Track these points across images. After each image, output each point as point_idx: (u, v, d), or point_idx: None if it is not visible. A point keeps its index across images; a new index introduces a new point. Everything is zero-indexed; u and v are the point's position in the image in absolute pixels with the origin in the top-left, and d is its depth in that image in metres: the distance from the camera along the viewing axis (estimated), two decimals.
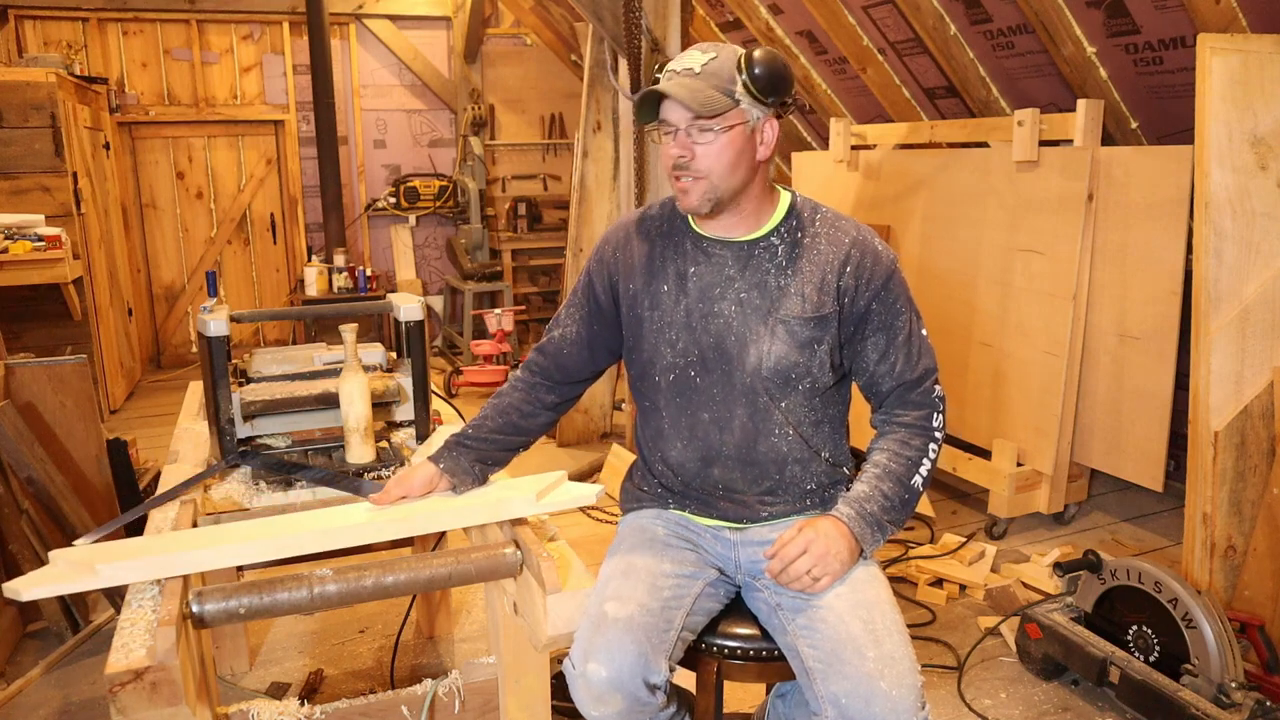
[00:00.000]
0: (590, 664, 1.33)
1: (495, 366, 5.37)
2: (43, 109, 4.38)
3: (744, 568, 1.55)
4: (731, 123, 1.41)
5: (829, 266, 1.48)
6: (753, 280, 1.49)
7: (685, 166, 1.43)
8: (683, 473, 1.57)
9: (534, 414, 1.66)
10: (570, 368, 1.66)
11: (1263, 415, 2.40)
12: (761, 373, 1.48)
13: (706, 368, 1.51)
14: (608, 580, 1.45)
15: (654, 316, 1.54)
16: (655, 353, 1.54)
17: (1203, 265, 2.39)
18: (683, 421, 1.55)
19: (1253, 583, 2.33)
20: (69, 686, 2.41)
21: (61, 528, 2.68)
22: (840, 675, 1.31)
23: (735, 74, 1.39)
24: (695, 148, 1.42)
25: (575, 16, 5.43)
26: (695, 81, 1.39)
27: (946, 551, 3.10)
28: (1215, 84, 2.39)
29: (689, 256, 1.53)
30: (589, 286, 1.63)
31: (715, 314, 1.50)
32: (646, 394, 1.60)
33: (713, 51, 1.42)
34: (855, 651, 1.32)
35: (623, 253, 1.59)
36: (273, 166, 6.42)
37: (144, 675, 1.18)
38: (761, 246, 1.50)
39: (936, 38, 3.52)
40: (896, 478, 1.47)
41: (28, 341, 4.32)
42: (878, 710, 1.28)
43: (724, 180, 1.43)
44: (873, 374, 1.53)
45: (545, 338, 1.68)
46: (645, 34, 3.37)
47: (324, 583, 1.38)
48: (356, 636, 2.66)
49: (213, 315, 1.85)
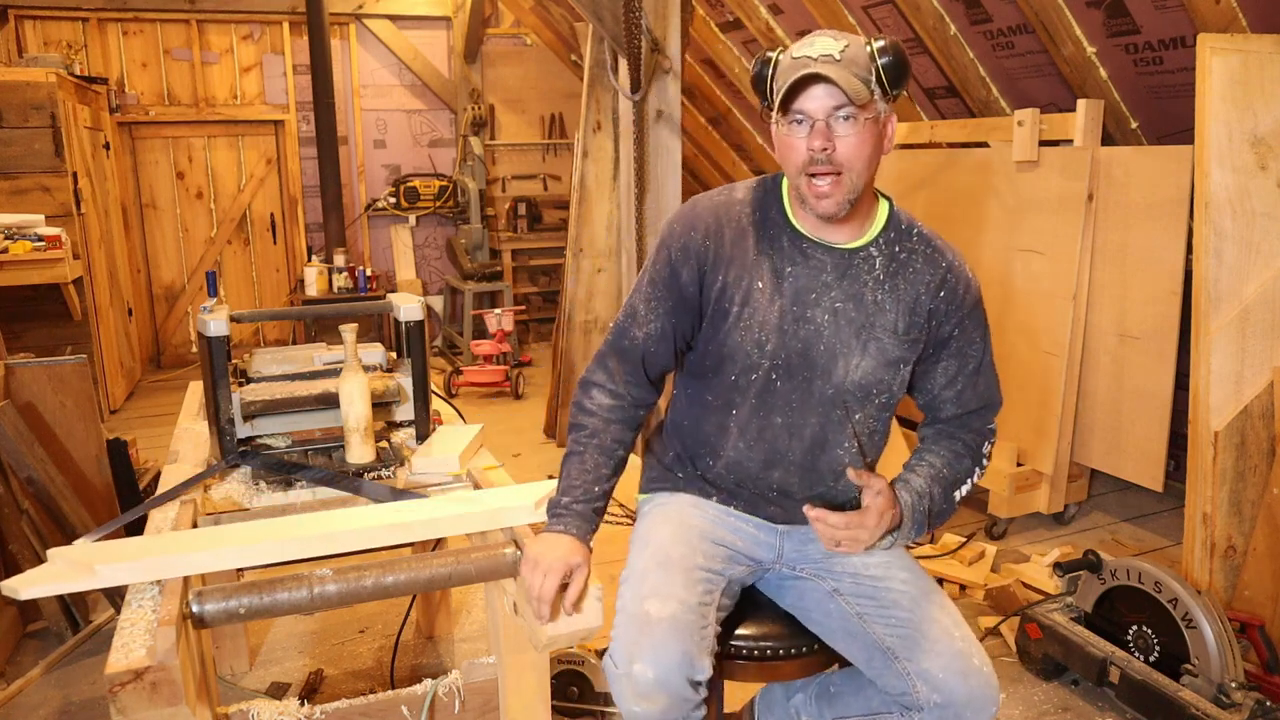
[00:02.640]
0: (636, 665, 1.31)
1: (495, 366, 5.37)
2: (43, 109, 4.38)
3: (787, 557, 1.55)
4: (872, 114, 1.33)
5: (924, 288, 1.44)
6: (849, 291, 1.43)
7: (826, 160, 1.32)
8: (738, 472, 1.53)
9: (633, 433, 1.54)
10: (661, 366, 1.53)
11: (1263, 415, 2.40)
12: (845, 386, 1.45)
13: (790, 374, 1.45)
14: (644, 573, 1.42)
15: (744, 313, 1.44)
16: (738, 350, 1.45)
17: (1203, 265, 2.39)
18: (753, 423, 1.49)
19: (1253, 583, 2.33)
20: (69, 686, 2.41)
21: (61, 528, 2.68)
22: (932, 653, 1.36)
23: (869, 63, 1.32)
24: (836, 140, 1.32)
25: (575, 16, 5.43)
26: (840, 69, 1.29)
27: (946, 551, 3.09)
28: (1215, 84, 2.39)
29: (786, 254, 1.44)
30: (673, 276, 1.47)
31: (807, 320, 1.43)
32: (716, 390, 1.50)
33: (844, 39, 1.33)
34: (943, 630, 1.38)
35: (714, 241, 1.46)
36: (273, 166, 6.42)
37: (144, 675, 1.18)
38: (861, 257, 1.44)
39: (936, 38, 3.52)
40: (945, 485, 1.49)
41: (28, 341, 4.31)
42: (974, 684, 1.34)
43: (862, 176, 1.35)
44: (937, 397, 1.53)
45: (620, 340, 1.53)
46: (645, 34, 3.36)
47: (324, 583, 1.38)
48: (356, 636, 2.66)
49: (213, 315, 1.85)
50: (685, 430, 1.58)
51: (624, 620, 1.38)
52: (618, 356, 1.53)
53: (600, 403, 1.52)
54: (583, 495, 1.46)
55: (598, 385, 1.53)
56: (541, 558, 1.39)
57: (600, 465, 1.48)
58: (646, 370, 1.53)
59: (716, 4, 4.61)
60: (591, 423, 1.50)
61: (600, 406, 1.51)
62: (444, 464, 1.88)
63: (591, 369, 1.55)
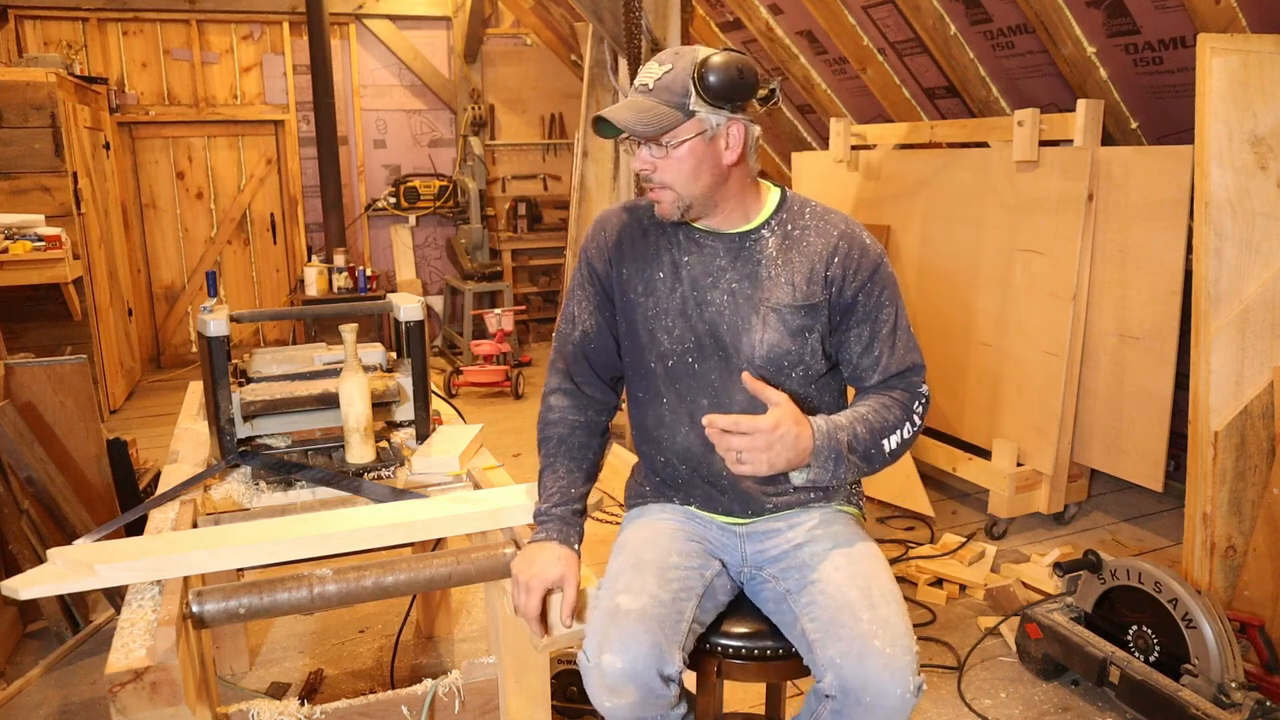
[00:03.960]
0: (605, 655, 1.33)
1: (495, 366, 5.37)
2: (43, 109, 4.38)
3: (750, 560, 1.56)
4: (684, 137, 1.42)
5: (817, 257, 1.50)
6: (743, 271, 1.51)
7: (649, 179, 1.47)
8: (688, 460, 1.56)
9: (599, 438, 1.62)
10: (607, 362, 1.61)
11: (1263, 415, 2.40)
12: (755, 360, 1.49)
13: (704, 354, 1.52)
14: (618, 574, 1.45)
15: (649, 303, 1.54)
16: (651, 339, 1.54)
17: (1203, 265, 2.39)
18: (683, 409, 1.54)
19: (1253, 583, 2.33)
20: (69, 686, 2.41)
21: (61, 528, 2.68)
22: (835, 638, 1.33)
23: (689, 84, 1.40)
24: (656, 161, 1.44)
25: (575, 16, 5.43)
26: (646, 100, 1.41)
27: (946, 551, 3.10)
28: (1215, 84, 2.38)
29: (681, 246, 1.54)
30: (591, 273, 1.60)
31: (708, 302, 1.51)
32: (643, 382, 1.58)
33: (669, 63, 1.42)
34: (851, 615, 1.34)
35: (617, 237, 1.59)
36: (273, 166, 6.42)
37: (144, 675, 1.18)
38: (752, 239, 1.52)
39: (936, 38, 3.52)
40: (871, 428, 1.45)
41: (28, 341, 4.32)
42: (871, 667, 1.28)
43: (688, 189, 1.45)
44: (857, 365, 1.54)
45: (565, 346, 1.62)
46: (645, 34, 3.37)
47: (324, 583, 1.38)
48: (356, 636, 2.66)
49: (213, 315, 1.85)
50: (636, 433, 1.65)
51: (597, 615, 1.39)
52: (565, 359, 1.62)
53: (560, 405, 1.60)
54: (560, 499, 1.52)
55: (554, 390, 1.62)
56: (520, 574, 1.43)
57: (572, 471, 1.56)
58: (595, 369, 1.61)
59: (716, 4, 4.61)
60: (557, 432, 1.59)
61: (560, 409, 1.60)
62: (444, 464, 1.88)
63: (547, 380, 1.65)
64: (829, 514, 1.57)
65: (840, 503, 1.60)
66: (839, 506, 1.60)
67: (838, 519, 1.56)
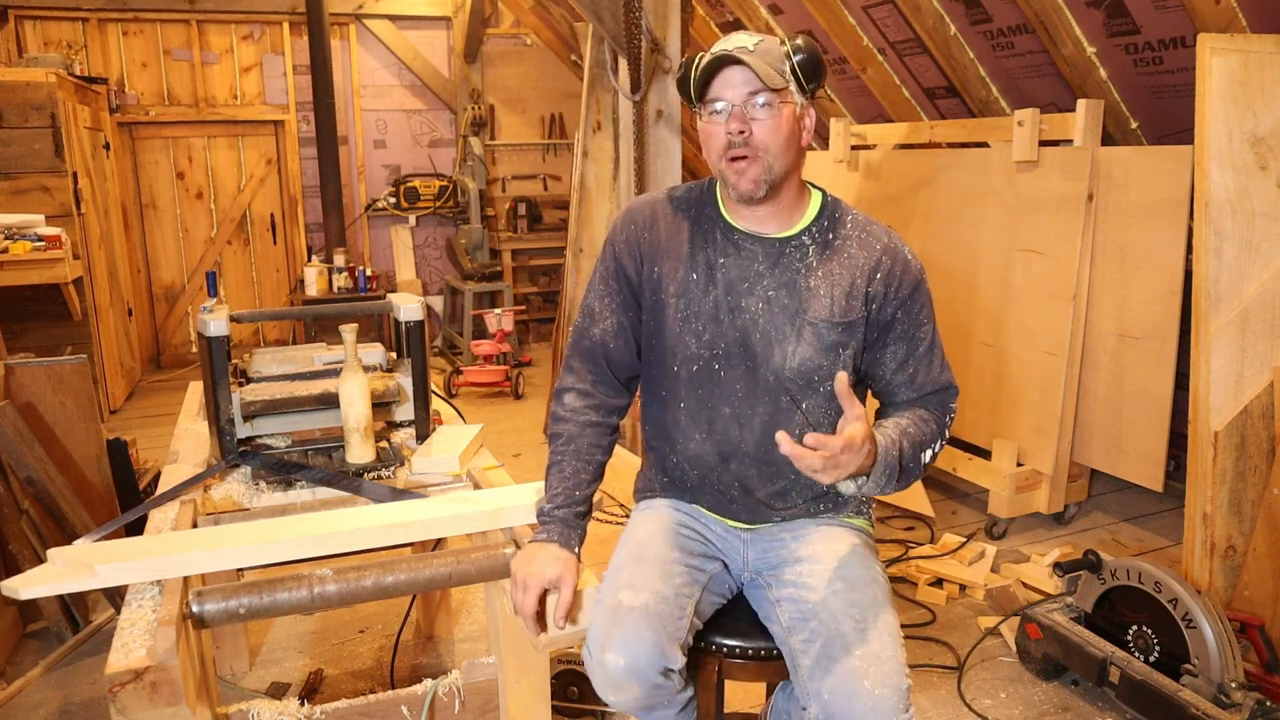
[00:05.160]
0: (608, 653, 1.33)
1: (495, 366, 5.37)
2: (43, 109, 4.38)
3: (751, 564, 1.56)
4: (787, 100, 1.40)
5: (859, 271, 1.46)
6: (782, 279, 1.46)
7: (743, 143, 1.39)
8: (700, 466, 1.55)
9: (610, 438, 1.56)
10: (624, 363, 1.56)
11: (1263, 415, 2.40)
12: (785, 373, 1.46)
13: (730, 362, 1.48)
14: (620, 567, 1.45)
15: (680, 304, 1.49)
16: (679, 342, 1.50)
17: (1203, 265, 2.39)
18: (702, 415, 1.51)
19: (1253, 583, 2.33)
20: (69, 686, 2.41)
21: (61, 528, 2.68)
22: (825, 671, 1.31)
23: (784, 57, 1.39)
24: (752, 124, 1.39)
25: (575, 16, 5.43)
26: (754, 58, 1.37)
27: (946, 551, 3.10)
28: (1215, 84, 2.38)
29: (719, 247, 1.49)
30: (619, 270, 1.54)
31: (742, 309, 1.46)
32: (664, 383, 1.54)
33: (758, 36, 1.41)
34: (843, 648, 1.32)
35: (649, 233, 1.53)
36: (273, 166, 6.42)
37: (144, 675, 1.18)
38: (793, 245, 1.48)
39: (936, 38, 3.53)
40: (913, 441, 1.42)
41: (28, 341, 4.31)
42: (859, 708, 1.27)
43: (779, 159, 1.40)
44: (890, 382, 1.52)
45: (581, 341, 1.57)
46: (645, 34, 3.36)
47: (324, 583, 1.38)
48: (356, 636, 2.66)
49: (213, 315, 1.85)
50: (650, 429, 1.63)
51: (599, 611, 1.39)
52: (581, 357, 1.57)
53: (572, 405, 1.55)
54: (564, 501, 1.49)
55: (567, 389, 1.57)
56: (519, 572, 1.42)
57: (579, 471, 1.52)
58: (612, 369, 1.56)
59: (716, 4, 4.61)
60: (567, 430, 1.54)
61: (573, 410, 1.55)
62: (444, 464, 1.88)
63: (561, 376, 1.60)
64: (835, 529, 1.55)
65: (849, 514, 1.59)
66: (847, 519, 1.58)
67: (844, 537, 1.53)
